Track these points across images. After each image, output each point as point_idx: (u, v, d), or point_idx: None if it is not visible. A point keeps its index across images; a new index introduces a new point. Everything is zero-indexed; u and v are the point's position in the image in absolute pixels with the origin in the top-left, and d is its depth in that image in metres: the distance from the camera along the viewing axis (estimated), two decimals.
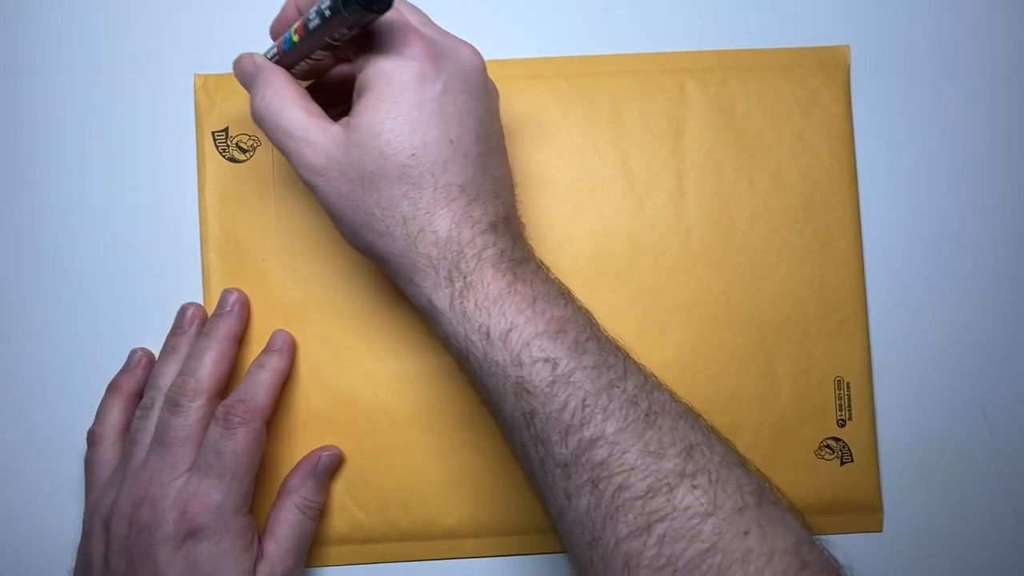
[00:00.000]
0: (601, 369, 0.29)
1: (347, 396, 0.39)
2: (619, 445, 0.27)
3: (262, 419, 0.35)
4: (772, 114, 0.40)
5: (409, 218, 0.30)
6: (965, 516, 0.40)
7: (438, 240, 0.30)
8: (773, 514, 0.27)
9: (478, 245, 0.30)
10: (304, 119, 0.31)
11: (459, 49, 0.32)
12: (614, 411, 0.28)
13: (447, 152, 0.30)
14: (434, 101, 0.30)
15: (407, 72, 0.30)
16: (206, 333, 0.37)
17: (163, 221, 0.40)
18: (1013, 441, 0.40)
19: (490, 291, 0.29)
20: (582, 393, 0.28)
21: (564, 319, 0.29)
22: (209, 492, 0.33)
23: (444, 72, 0.30)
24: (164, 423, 0.34)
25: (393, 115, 0.30)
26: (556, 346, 0.29)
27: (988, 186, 0.41)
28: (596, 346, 0.29)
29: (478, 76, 0.32)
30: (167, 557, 0.32)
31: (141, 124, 0.40)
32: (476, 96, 0.31)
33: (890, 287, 0.40)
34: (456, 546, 0.39)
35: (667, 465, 0.27)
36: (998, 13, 0.41)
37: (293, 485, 0.37)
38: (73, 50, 0.40)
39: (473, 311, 0.29)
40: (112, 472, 0.36)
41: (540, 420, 0.28)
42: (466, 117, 0.31)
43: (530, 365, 0.28)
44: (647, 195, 0.40)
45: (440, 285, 0.30)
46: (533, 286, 0.30)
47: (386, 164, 0.30)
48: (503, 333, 0.29)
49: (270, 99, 0.31)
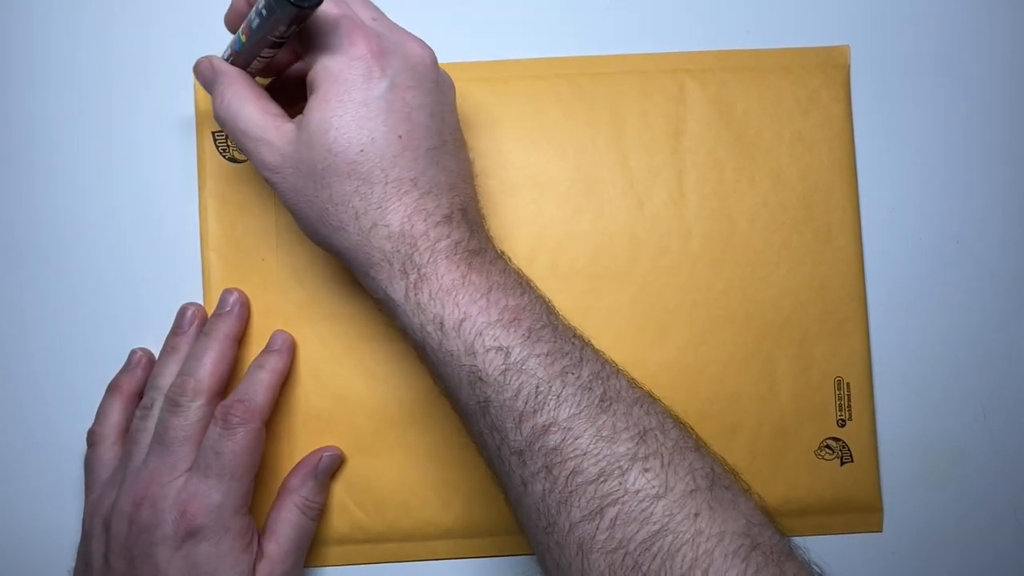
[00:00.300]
0: (555, 356, 0.29)
1: (347, 396, 0.39)
2: (572, 431, 0.28)
3: (261, 419, 0.35)
4: (772, 114, 0.40)
5: (361, 213, 0.31)
6: (965, 516, 0.40)
7: (391, 234, 0.30)
8: (725, 497, 0.27)
9: (431, 237, 0.30)
10: (260, 119, 0.32)
11: (407, 45, 0.32)
12: (567, 397, 0.28)
13: (396, 148, 0.30)
14: (381, 98, 0.30)
15: (353, 70, 0.30)
16: (206, 333, 0.37)
17: (163, 221, 0.40)
18: (1013, 441, 0.40)
19: (444, 282, 0.30)
20: (535, 381, 0.28)
21: (519, 308, 0.30)
22: (208, 492, 0.33)
23: (391, 69, 0.31)
24: (164, 423, 0.34)
25: (339, 113, 0.30)
26: (509, 335, 0.29)
27: (988, 186, 0.41)
28: (551, 334, 0.30)
29: (427, 71, 0.32)
30: (167, 557, 0.32)
31: (141, 124, 0.40)
32: (425, 91, 0.32)
33: (890, 287, 0.40)
34: (456, 546, 0.39)
35: (620, 449, 0.27)
36: (998, 13, 0.41)
37: (293, 485, 0.37)
38: (73, 50, 0.40)
39: (427, 302, 0.30)
40: (112, 472, 0.36)
41: (495, 408, 0.29)
42: (415, 112, 0.31)
43: (483, 354, 0.29)
44: (647, 195, 0.40)
45: (395, 278, 0.31)
46: (489, 276, 0.30)
47: (335, 161, 0.30)
48: (456, 323, 0.29)
49: (228, 100, 0.32)
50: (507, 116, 0.40)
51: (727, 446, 0.38)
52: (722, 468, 0.29)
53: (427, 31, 0.33)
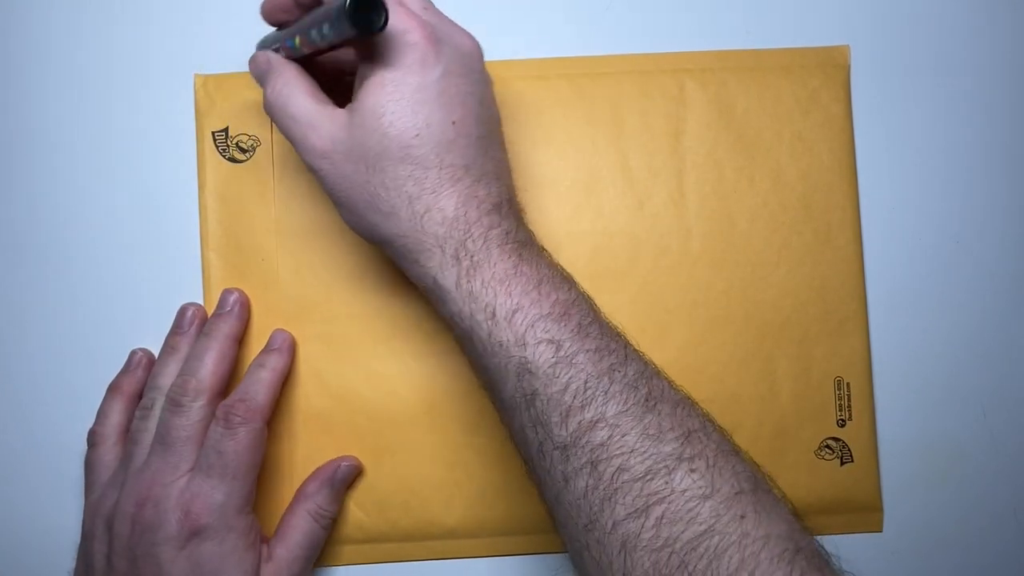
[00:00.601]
0: (603, 353, 0.29)
1: (347, 396, 0.39)
2: (619, 427, 0.27)
3: (262, 418, 0.35)
4: (772, 114, 0.40)
5: (415, 197, 0.30)
6: (965, 516, 0.40)
7: (445, 219, 0.30)
8: (768, 501, 0.27)
9: (484, 224, 0.30)
10: (312, 105, 0.32)
11: (457, 35, 0.32)
12: (615, 394, 0.28)
13: (450, 133, 0.30)
14: (436, 84, 0.30)
15: (408, 56, 0.30)
16: (206, 333, 0.37)
17: (163, 221, 0.40)
18: (1013, 441, 0.40)
19: (497, 270, 0.30)
20: (584, 375, 0.28)
21: (568, 302, 0.30)
22: (211, 492, 0.33)
23: (444, 56, 0.31)
24: (165, 423, 0.34)
25: (396, 97, 0.30)
26: (560, 328, 0.29)
27: (988, 186, 0.41)
28: (599, 330, 0.30)
29: (475, 61, 0.32)
30: (170, 557, 0.32)
31: (141, 124, 0.40)
32: (475, 80, 0.32)
33: (890, 287, 0.40)
34: (456, 546, 0.39)
35: (666, 448, 0.27)
36: (998, 13, 0.41)
37: (309, 492, 0.37)
38: (73, 50, 0.40)
39: (480, 290, 0.30)
40: (113, 473, 0.36)
41: (541, 401, 0.29)
42: (468, 99, 0.31)
43: (534, 346, 0.29)
44: (647, 195, 0.40)
45: (446, 264, 0.30)
46: (538, 268, 0.30)
47: (390, 145, 0.30)
48: (509, 313, 0.29)
49: (280, 88, 0.32)
50: (507, 116, 0.39)
51: None
52: (762, 474, 0.29)
53: None
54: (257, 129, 0.39)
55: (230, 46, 0.40)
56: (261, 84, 0.34)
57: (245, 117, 0.40)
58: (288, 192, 0.39)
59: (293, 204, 0.39)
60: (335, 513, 0.37)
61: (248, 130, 0.40)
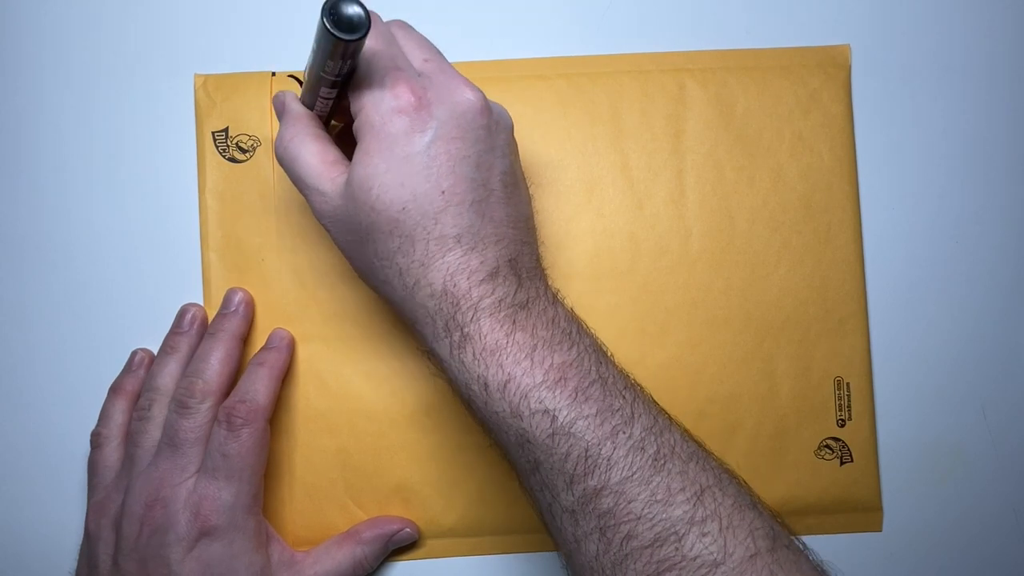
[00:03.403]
0: (605, 415, 0.28)
1: (347, 396, 0.39)
2: (624, 495, 0.27)
3: (264, 418, 0.35)
4: (772, 114, 0.40)
5: (404, 271, 0.30)
6: (965, 516, 0.40)
7: (433, 293, 0.30)
8: (787, 559, 0.27)
9: (474, 296, 0.29)
10: (317, 167, 0.32)
11: (455, 92, 0.31)
12: (618, 460, 0.27)
13: (439, 204, 0.30)
14: (424, 152, 0.30)
15: (396, 124, 0.30)
16: (211, 333, 0.37)
17: (163, 221, 0.40)
18: (1013, 441, 0.40)
19: (487, 342, 0.29)
20: (583, 444, 0.28)
21: (565, 365, 0.29)
22: (219, 493, 0.33)
23: (435, 120, 0.30)
24: (173, 425, 0.34)
25: (382, 170, 0.30)
26: (555, 396, 0.28)
27: (988, 186, 0.41)
28: (600, 391, 0.29)
29: (475, 118, 0.31)
30: (180, 558, 0.32)
31: (141, 124, 0.40)
32: (472, 141, 0.30)
33: (890, 287, 0.40)
34: (456, 545, 0.39)
35: (676, 513, 0.27)
36: (998, 13, 0.41)
37: (364, 537, 0.37)
38: (73, 50, 0.40)
39: (471, 362, 0.29)
40: (117, 474, 0.36)
41: (544, 469, 0.28)
42: (459, 165, 0.30)
43: (529, 417, 0.28)
44: (647, 195, 0.40)
45: (439, 335, 0.30)
46: (534, 332, 0.29)
47: (378, 219, 0.30)
48: (501, 385, 0.29)
49: (287, 143, 0.32)
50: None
51: (727, 446, 0.39)
52: (781, 526, 0.28)
53: (427, 30, 0.33)
54: (257, 129, 0.39)
55: (230, 46, 0.40)
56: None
57: (245, 117, 0.40)
58: (288, 192, 0.39)
59: (293, 204, 0.39)
60: (374, 568, 0.37)
61: (248, 130, 0.40)
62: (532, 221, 0.34)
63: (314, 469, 0.38)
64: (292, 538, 0.38)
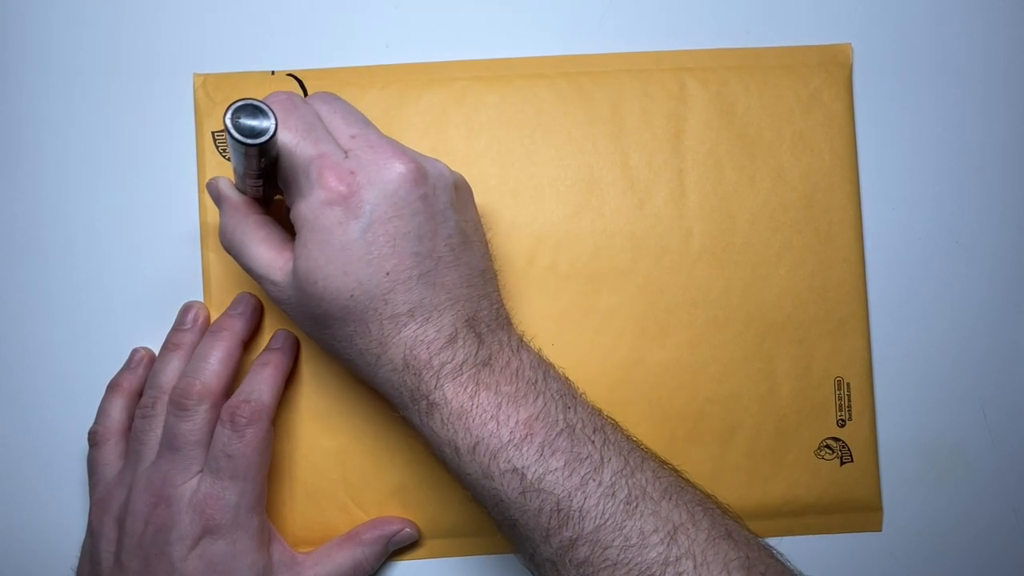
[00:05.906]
0: (573, 466, 0.29)
1: (347, 396, 0.39)
2: (599, 543, 0.28)
3: (268, 418, 0.35)
4: (773, 113, 0.40)
5: (364, 351, 0.31)
6: (965, 516, 0.40)
7: (395, 368, 0.30)
8: None
9: (435, 365, 0.30)
10: (264, 255, 0.32)
11: (385, 168, 0.30)
12: (590, 509, 0.28)
13: (385, 285, 0.30)
14: (360, 239, 0.29)
15: (327, 217, 0.29)
16: (213, 332, 0.37)
17: (163, 221, 0.40)
18: (1013, 441, 0.40)
19: (452, 407, 0.30)
20: (554, 498, 0.28)
21: (532, 419, 0.29)
22: (223, 492, 0.33)
23: (367, 204, 0.29)
24: (172, 429, 0.34)
25: (323, 262, 0.30)
26: (522, 454, 0.29)
27: (988, 186, 0.41)
28: (568, 441, 0.29)
29: (409, 193, 0.30)
30: (183, 556, 0.33)
31: (141, 124, 0.40)
32: (408, 215, 0.30)
33: (890, 287, 0.40)
34: (456, 545, 0.39)
35: (650, 555, 0.27)
36: (998, 13, 0.41)
37: (365, 538, 0.37)
38: (72, 50, 0.40)
39: (440, 428, 0.30)
40: (119, 471, 0.36)
41: (521, 525, 0.29)
42: (400, 243, 0.30)
43: (499, 477, 0.29)
44: (647, 195, 0.39)
45: (407, 406, 0.31)
46: (498, 389, 0.30)
47: (329, 308, 0.30)
48: (470, 448, 0.29)
49: (230, 234, 0.33)
50: (507, 115, 0.40)
51: (727, 446, 0.39)
52: (759, 551, 0.29)
53: (428, 30, 0.33)
54: None
55: (230, 46, 0.40)
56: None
57: None
58: None
59: None
60: (375, 569, 0.37)
61: None
62: (489, 271, 0.34)
63: (314, 470, 0.38)
64: (292, 538, 0.38)
